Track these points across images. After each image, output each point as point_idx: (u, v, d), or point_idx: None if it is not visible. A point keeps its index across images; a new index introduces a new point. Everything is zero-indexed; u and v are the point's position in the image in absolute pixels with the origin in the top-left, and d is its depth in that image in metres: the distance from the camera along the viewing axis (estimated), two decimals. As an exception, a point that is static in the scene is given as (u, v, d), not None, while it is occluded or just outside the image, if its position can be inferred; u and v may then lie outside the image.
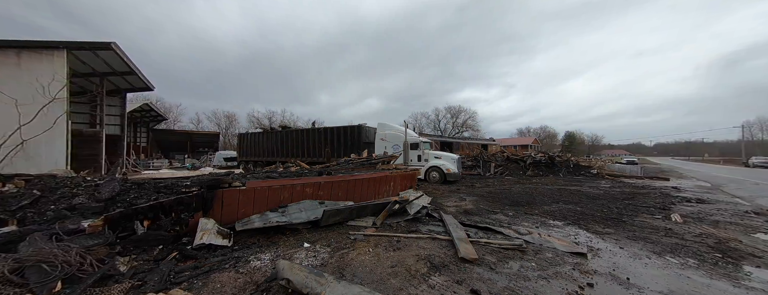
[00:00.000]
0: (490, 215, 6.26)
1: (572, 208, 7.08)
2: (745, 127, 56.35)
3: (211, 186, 4.34)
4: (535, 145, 66.40)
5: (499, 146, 35.91)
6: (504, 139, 70.46)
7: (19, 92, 9.27)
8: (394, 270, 3.21)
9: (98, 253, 3.09)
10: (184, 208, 4.11)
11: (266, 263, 3.35)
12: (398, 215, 5.50)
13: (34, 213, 4.19)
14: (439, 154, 13.84)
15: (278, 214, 4.71)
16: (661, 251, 4.09)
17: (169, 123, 45.43)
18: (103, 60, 12.31)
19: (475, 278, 3.07)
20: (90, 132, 13.13)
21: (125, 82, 15.29)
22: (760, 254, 3.99)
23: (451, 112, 69.34)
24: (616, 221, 5.85)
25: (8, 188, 4.89)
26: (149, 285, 2.74)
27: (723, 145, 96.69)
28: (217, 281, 2.89)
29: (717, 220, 6.08)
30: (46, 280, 2.50)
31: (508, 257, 3.71)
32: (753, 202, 8.54)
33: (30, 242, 3.10)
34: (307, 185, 5.45)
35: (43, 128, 9.42)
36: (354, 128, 15.15)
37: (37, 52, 9.83)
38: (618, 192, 10.14)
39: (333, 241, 4.17)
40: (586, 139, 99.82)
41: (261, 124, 58.35)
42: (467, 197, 8.55)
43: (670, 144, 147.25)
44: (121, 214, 3.74)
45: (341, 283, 2.61)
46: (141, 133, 30.97)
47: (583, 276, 3.19)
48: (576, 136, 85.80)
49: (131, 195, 4.84)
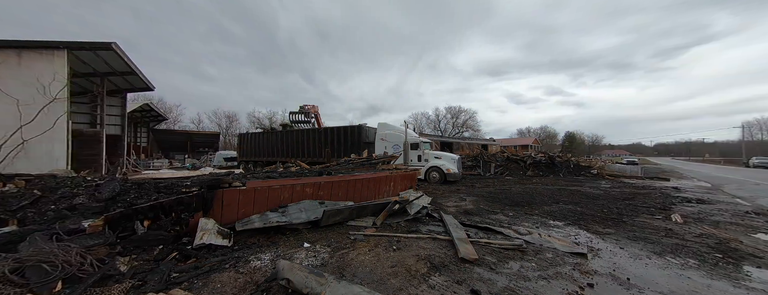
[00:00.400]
0: (490, 215, 6.26)
1: (572, 208, 7.08)
2: (746, 128, 56.30)
3: (211, 186, 4.33)
4: (535, 145, 66.38)
5: (499, 146, 35.91)
6: (504, 140, 70.48)
7: (20, 92, 9.29)
8: (394, 270, 3.21)
9: (98, 253, 3.09)
10: (184, 208, 4.11)
11: (266, 263, 3.35)
12: (398, 215, 5.50)
13: (35, 213, 4.19)
14: (440, 154, 13.84)
15: (278, 214, 4.71)
16: (661, 251, 4.08)
17: (170, 123, 45.46)
18: (103, 60, 12.34)
19: (475, 278, 3.07)
20: (90, 132, 13.15)
21: (126, 82, 15.32)
22: (761, 255, 3.99)
23: (451, 113, 69.36)
24: (617, 221, 5.84)
25: (9, 188, 4.90)
26: (149, 285, 2.74)
27: (723, 145, 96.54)
28: (217, 281, 2.90)
29: (717, 220, 6.07)
30: (46, 280, 2.50)
31: (508, 257, 3.71)
32: (753, 202, 8.53)
33: (30, 242, 3.10)
34: (307, 185, 5.45)
35: (44, 128, 9.44)
36: (354, 128, 15.15)
37: (37, 52, 9.85)
38: (618, 192, 10.13)
39: (333, 241, 4.17)
40: (587, 139, 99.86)
41: (261, 124, 58.37)
42: (467, 197, 8.55)
43: (670, 144, 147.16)
44: (122, 214, 3.74)
45: (341, 283, 2.61)
46: (141, 134, 31.02)
47: (584, 276, 3.19)
48: (576, 137, 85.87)
49: (131, 195, 4.84)
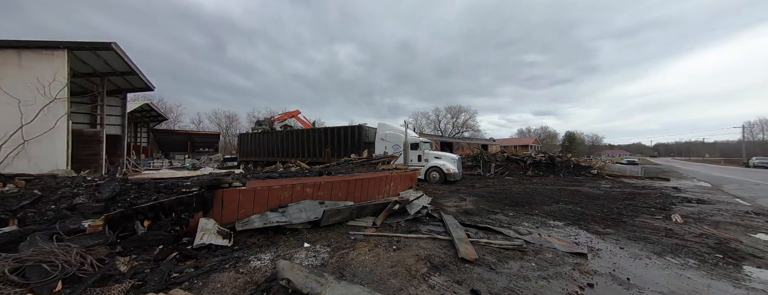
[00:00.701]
0: (490, 215, 6.26)
1: (572, 208, 7.08)
2: (746, 128, 56.26)
3: (211, 186, 4.33)
4: (535, 145, 66.41)
5: (499, 146, 35.92)
6: (504, 140, 70.51)
7: (20, 92, 9.28)
8: (394, 270, 3.21)
9: (98, 253, 3.09)
10: (184, 208, 4.11)
11: (266, 263, 3.36)
12: (398, 215, 5.50)
13: (35, 213, 4.19)
14: (440, 154, 13.84)
15: (278, 214, 4.71)
16: (661, 251, 4.08)
17: (170, 123, 45.42)
18: (103, 60, 12.33)
19: (475, 278, 3.07)
20: (90, 132, 13.14)
21: (126, 82, 15.31)
22: (761, 255, 3.99)
23: (451, 113, 69.36)
24: (617, 221, 5.84)
25: (9, 188, 4.90)
26: (149, 285, 2.74)
27: (723, 145, 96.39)
28: (217, 281, 2.90)
29: (717, 220, 6.07)
30: (46, 280, 2.50)
31: (508, 257, 3.71)
32: (754, 202, 8.53)
33: (30, 242, 3.10)
34: (307, 185, 5.45)
35: (44, 129, 9.44)
36: (354, 128, 15.15)
37: (37, 52, 9.84)
38: (618, 192, 10.13)
39: (333, 241, 4.18)
40: (587, 139, 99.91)
41: (259, 120, 58.28)
42: (467, 197, 8.54)
43: (670, 144, 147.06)
44: (122, 214, 3.74)
45: (341, 283, 2.61)
46: (141, 134, 30.99)
47: (583, 276, 3.19)
48: (576, 137, 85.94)
49: (131, 195, 4.84)
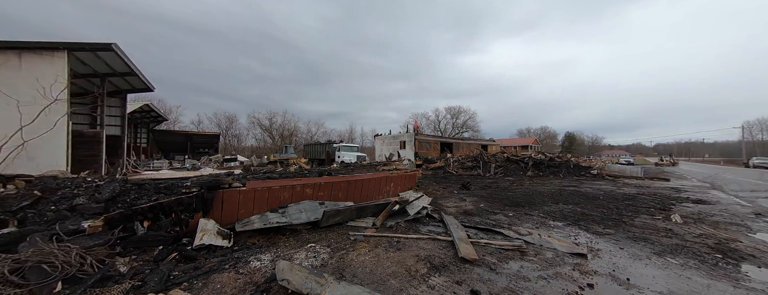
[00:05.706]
0: (490, 215, 6.26)
1: (572, 208, 7.07)
2: (746, 128, 56.30)
3: (211, 187, 4.34)
4: (535, 145, 66.41)
5: (499, 147, 35.91)
6: (504, 140, 70.49)
7: (21, 93, 9.30)
8: (394, 271, 3.21)
9: (98, 253, 3.09)
10: (184, 208, 4.11)
11: (266, 264, 3.35)
12: (398, 216, 5.50)
13: (35, 214, 4.20)
14: None
15: (278, 214, 4.71)
16: (661, 251, 4.08)
17: (170, 124, 45.45)
18: (103, 61, 12.35)
19: (475, 279, 3.07)
20: (90, 133, 13.15)
21: (126, 83, 15.34)
22: (761, 255, 3.99)
23: (451, 113, 69.41)
24: (617, 221, 5.84)
25: (9, 189, 4.90)
26: (149, 286, 2.74)
27: (723, 145, 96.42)
28: (217, 281, 2.90)
29: (717, 220, 6.07)
30: (46, 280, 2.50)
31: (508, 257, 3.71)
32: (753, 202, 8.53)
33: (30, 243, 3.10)
34: (307, 186, 5.45)
35: (44, 129, 9.44)
36: None
37: (37, 53, 9.86)
38: (618, 193, 10.13)
39: (333, 241, 4.17)
40: (586, 139, 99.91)
41: (261, 124, 58.41)
42: (467, 198, 8.54)
43: (670, 144, 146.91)
44: (122, 214, 3.74)
45: (341, 283, 2.62)
46: (141, 134, 31.00)
47: (583, 277, 3.19)
48: (576, 137, 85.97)
49: (131, 196, 4.85)
